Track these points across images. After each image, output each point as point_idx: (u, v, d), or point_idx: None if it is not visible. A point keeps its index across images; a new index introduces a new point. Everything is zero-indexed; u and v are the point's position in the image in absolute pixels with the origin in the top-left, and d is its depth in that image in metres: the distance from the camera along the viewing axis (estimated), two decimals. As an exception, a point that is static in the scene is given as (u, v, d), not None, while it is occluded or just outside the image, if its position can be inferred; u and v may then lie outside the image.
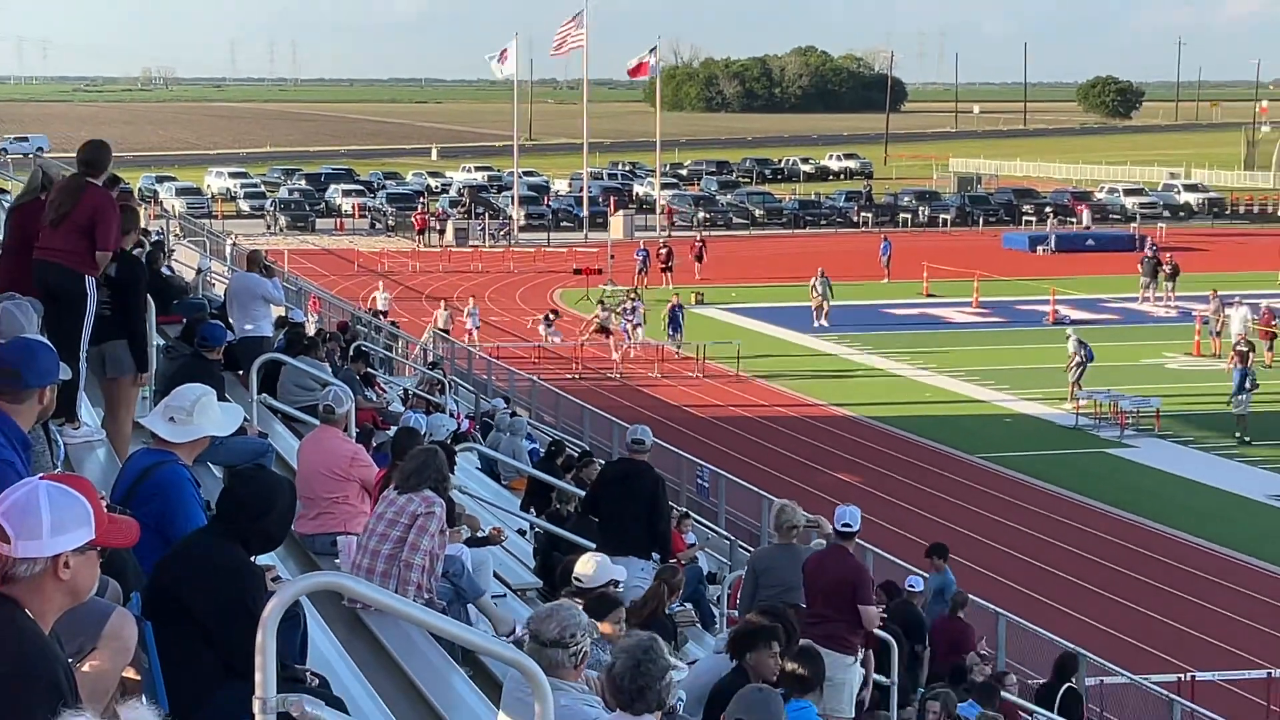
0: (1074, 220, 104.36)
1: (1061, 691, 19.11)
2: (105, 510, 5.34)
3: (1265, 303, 58.83)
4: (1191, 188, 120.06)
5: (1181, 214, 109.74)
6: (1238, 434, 44.12)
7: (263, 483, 8.20)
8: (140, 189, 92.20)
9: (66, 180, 13.00)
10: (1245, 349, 47.22)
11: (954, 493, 39.38)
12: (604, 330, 52.98)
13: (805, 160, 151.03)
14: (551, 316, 51.73)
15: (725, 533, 29.09)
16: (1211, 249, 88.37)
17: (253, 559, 7.98)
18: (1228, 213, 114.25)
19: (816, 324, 63.30)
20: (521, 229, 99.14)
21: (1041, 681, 23.76)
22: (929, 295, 71.05)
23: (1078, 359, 47.71)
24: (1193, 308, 63.16)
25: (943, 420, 47.57)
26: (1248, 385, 44.25)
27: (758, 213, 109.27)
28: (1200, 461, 42.24)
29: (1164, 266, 72.89)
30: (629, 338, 54.15)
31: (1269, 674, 25.55)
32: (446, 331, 52.31)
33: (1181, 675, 25.12)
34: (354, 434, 14.46)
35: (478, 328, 54.82)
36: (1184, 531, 35.92)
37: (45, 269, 12.36)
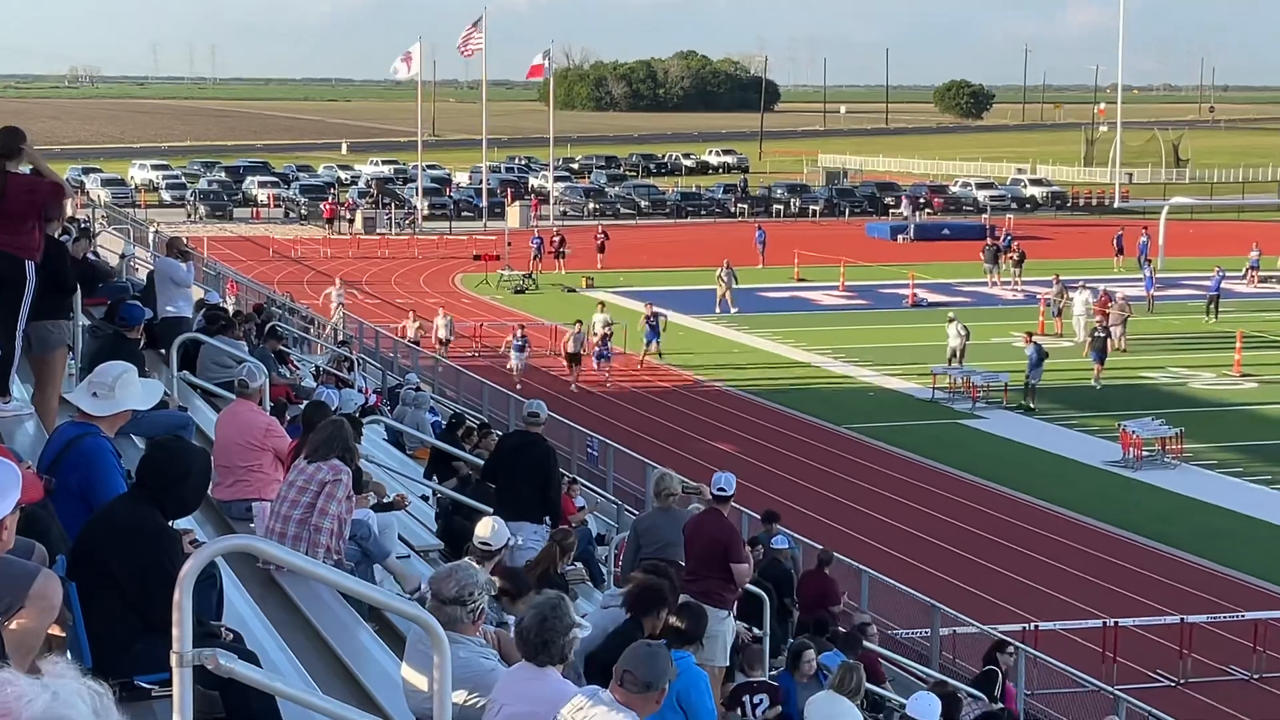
0: (931, 211, 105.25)
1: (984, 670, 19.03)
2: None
3: (1103, 286, 59.55)
4: (1037, 182, 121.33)
5: (1028, 206, 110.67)
6: (1026, 403, 45.30)
7: (179, 452, 8.12)
8: (68, 179, 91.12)
9: None
10: (1103, 335, 48.19)
11: (822, 460, 39.61)
12: (574, 358, 48.67)
13: (687, 155, 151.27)
14: (523, 342, 48.16)
15: (612, 498, 29.12)
16: (1055, 238, 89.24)
17: (170, 523, 7.91)
18: (1069, 205, 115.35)
19: (718, 309, 63.01)
20: (425, 218, 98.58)
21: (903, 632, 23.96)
22: (800, 280, 71.38)
23: (953, 340, 48.21)
24: (1037, 291, 63.80)
25: (812, 393, 47.85)
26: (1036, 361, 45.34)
27: (643, 204, 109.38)
28: (1043, 431, 42.69)
29: (1012, 253, 73.80)
30: (597, 366, 50.41)
31: (1104, 623, 25.82)
32: (417, 343, 49.38)
33: (1026, 625, 25.37)
34: (268, 407, 14.36)
35: (451, 339, 51.94)
36: (1029, 494, 36.28)
37: None
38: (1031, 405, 44.89)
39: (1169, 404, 44.40)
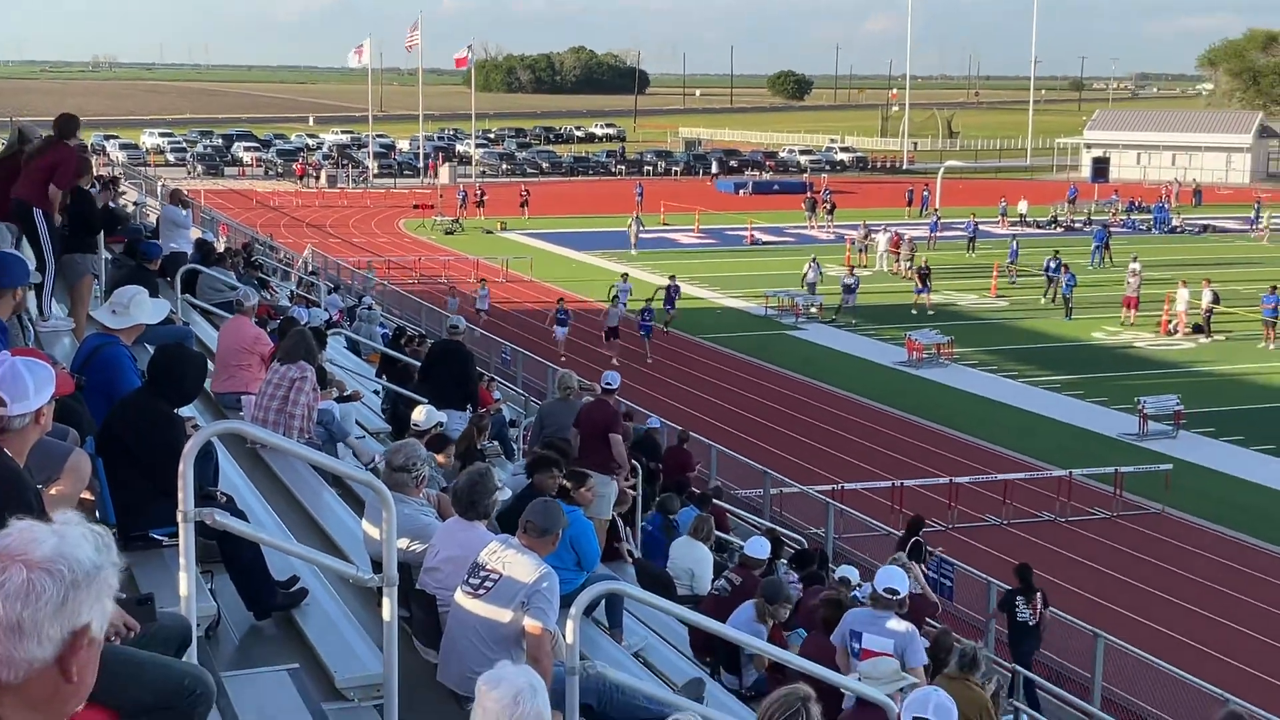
0: (769, 171, 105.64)
1: (910, 543, 18.99)
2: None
3: (895, 229, 60.26)
4: (845, 149, 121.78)
5: (838, 167, 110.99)
6: (837, 319, 45.91)
7: (179, 356, 8.10)
8: (92, 144, 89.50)
9: (43, 140, 13.05)
10: (926, 269, 48.69)
11: (682, 362, 39.89)
12: (612, 332, 40.06)
13: (578, 128, 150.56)
14: (565, 315, 40.39)
15: (521, 391, 29.18)
16: (858, 192, 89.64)
17: (175, 410, 7.86)
18: (869, 167, 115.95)
19: (634, 250, 62.16)
20: (375, 175, 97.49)
21: (749, 493, 24.20)
22: (665, 224, 71.33)
23: (810, 275, 48.53)
24: (845, 232, 64.31)
25: (685, 311, 48.02)
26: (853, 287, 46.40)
27: (544, 165, 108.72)
28: (848, 339, 43.17)
29: (823, 204, 74.45)
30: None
31: (893, 484, 26.21)
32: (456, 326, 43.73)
33: (835, 485, 25.67)
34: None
35: (487, 310, 43.81)
36: (837, 387, 36.71)
37: (14, 204, 12.44)
38: (849, 320, 45.39)
39: (942, 319, 44.99)
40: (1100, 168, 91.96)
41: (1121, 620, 20.36)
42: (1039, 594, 17.59)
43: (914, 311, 46.93)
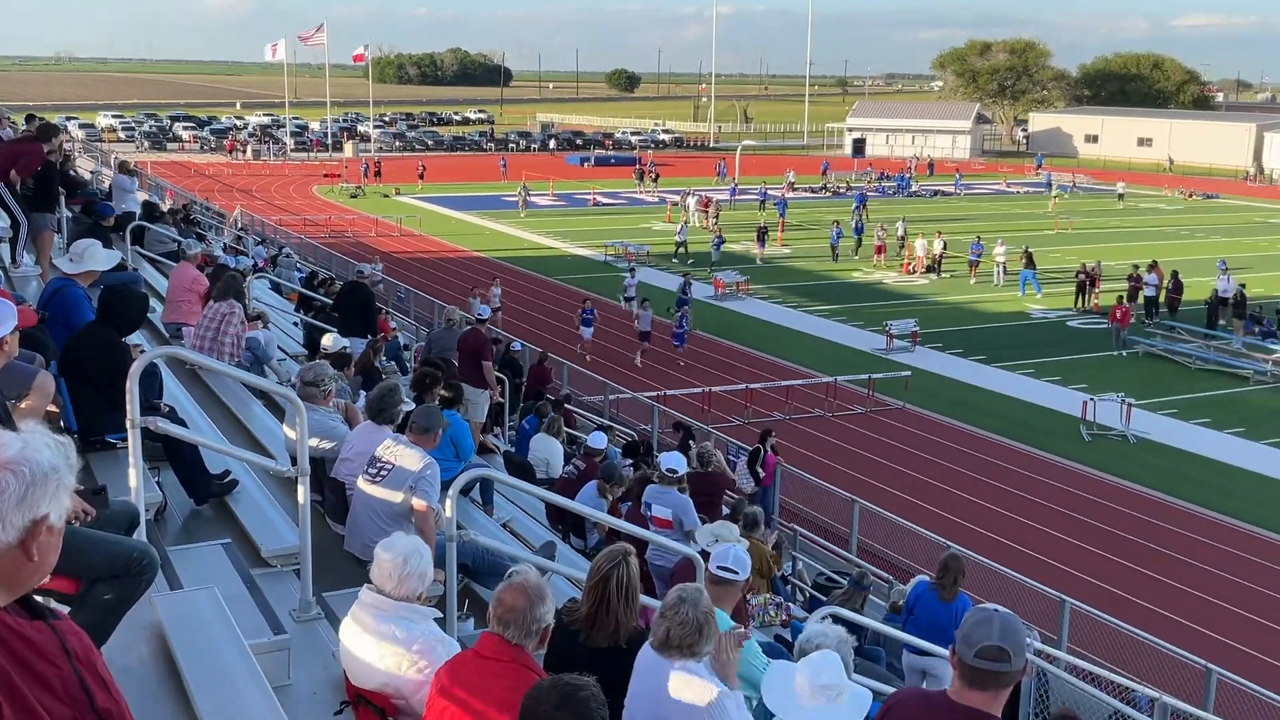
0: (607, 148, 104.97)
1: (755, 451, 18.78)
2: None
3: (704, 193, 60.48)
4: (667, 131, 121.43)
5: (661, 145, 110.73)
6: (675, 259, 45.71)
7: (122, 294, 7.88)
8: (56, 123, 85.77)
9: (22, 133, 14.11)
10: (763, 228, 49.14)
11: (538, 295, 39.59)
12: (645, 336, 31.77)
13: (456, 114, 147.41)
14: (591, 315, 31.94)
15: (414, 321, 28.82)
16: (676, 165, 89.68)
17: (122, 339, 7.62)
18: (684, 145, 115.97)
19: (522, 213, 60.82)
20: (292, 150, 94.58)
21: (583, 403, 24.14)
22: (526, 189, 70.59)
23: (684, 224, 48.58)
24: (666, 196, 64.36)
25: (533, 258, 47.69)
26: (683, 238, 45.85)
27: (430, 143, 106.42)
28: (669, 278, 43.21)
29: (649, 173, 74.50)
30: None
31: (704, 389, 26.40)
32: (480, 320, 33.83)
33: (659, 391, 25.80)
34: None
35: (499, 308, 33.51)
36: (659, 316, 36.81)
37: None
38: (709, 270, 44.96)
39: (740, 263, 45.33)
40: (859, 146, 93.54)
41: (873, 490, 20.87)
42: (769, 448, 18.23)
43: (760, 262, 46.38)
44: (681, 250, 46.28)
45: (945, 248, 45.20)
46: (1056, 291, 40.32)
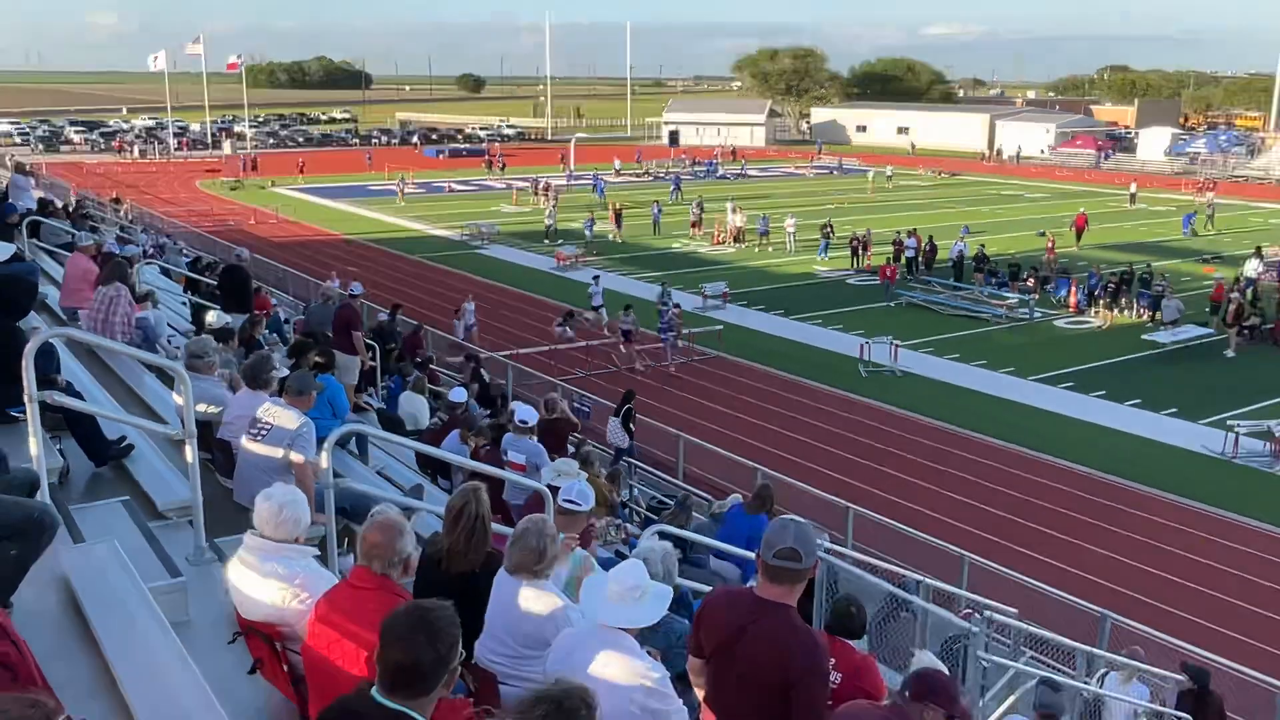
0: (459, 141, 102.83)
1: (626, 410, 18.12)
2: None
3: (547, 179, 59.94)
4: (511, 127, 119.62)
5: (506, 139, 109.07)
6: (547, 240, 44.94)
7: (10, 282, 7.44)
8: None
9: None
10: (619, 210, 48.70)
11: (406, 274, 38.68)
12: (626, 335, 26.73)
13: (323, 114, 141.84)
14: (566, 319, 28.55)
15: (292, 298, 27.85)
16: (520, 156, 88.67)
17: (15, 322, 7.16)
18: (526, 138, 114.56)
19: (401, 200, 58.71)
20: (176, 149, 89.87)
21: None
22: (389, 179, 68.68)
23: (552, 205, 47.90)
24: (512, 182, 63.71)
25: (400, 240, 46.60)
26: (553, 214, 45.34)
27: (300, 139, 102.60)
28: (514, 253, 42.90)
29: (497, 163, 73.55)
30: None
31: (550, 347, 26.26)
32: (468, 339, 27.37)
33: (511, 350, 25.56)
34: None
35: (475, 325, 28.12)
36: (504, 283, 36.52)
37: None
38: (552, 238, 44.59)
39: (581, 239, 45.18)
40: (674, 137, 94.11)
41: (695, 426, 21.20)
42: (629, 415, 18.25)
43: (619, 240, 45.35)
44: (552, 230, 45.78)
45: (746, 221, 46.09)
46: (838, 255, 41.46)
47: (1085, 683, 10.32)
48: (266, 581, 4.41)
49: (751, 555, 8.65)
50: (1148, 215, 55.98)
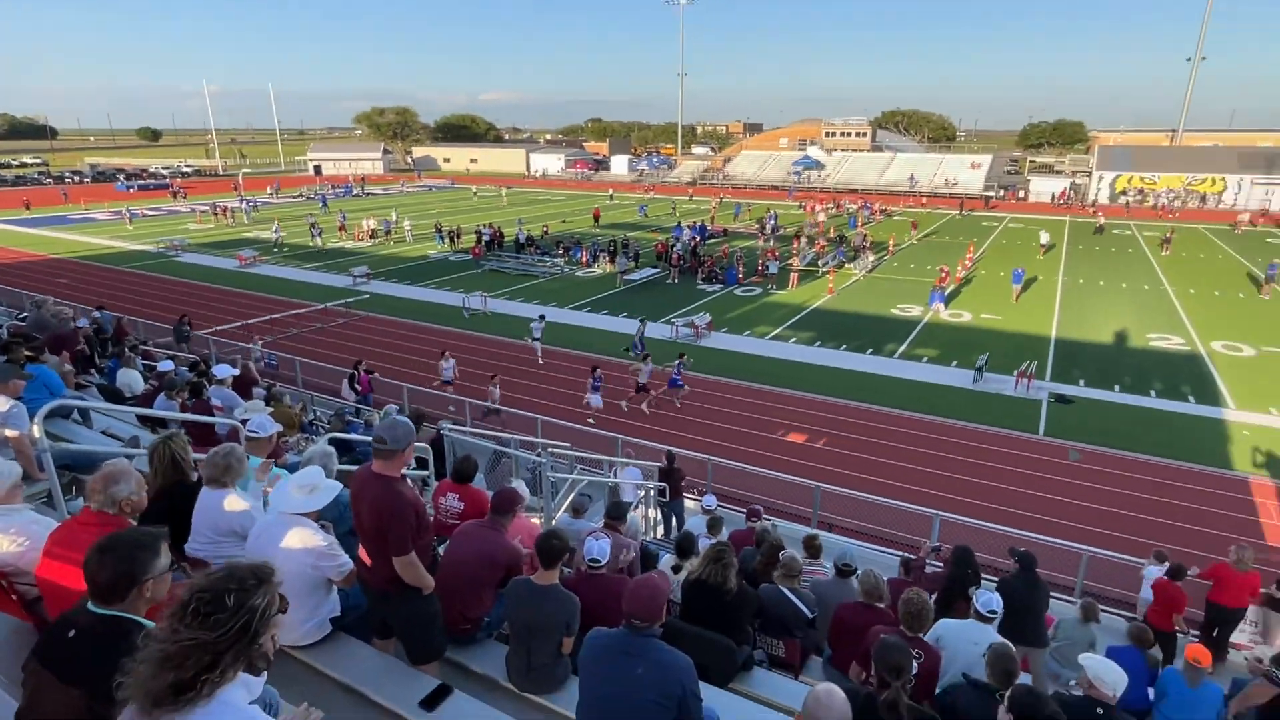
0: (141, 180, 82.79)
1: (351, 374, 15.14)
2: None
3: (223, 204, 50.42)
4: (189, 166, 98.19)
5: (185, 175, 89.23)
6: (275, 249, 37.74)
7: None
8: None
9: None
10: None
11: (108, 279, 30.88)
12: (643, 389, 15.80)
13: (14, 158, 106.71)
14: (596, 383, 15.86)
15: (6, 308, 21.16)
16: (198, 187, 73.71)
17: None
18: (203, 174, 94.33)
19: (130, 225, 45.43)
20: None
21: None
22: (129, 210, 53.90)
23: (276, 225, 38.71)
24: (195, 207, 52.84)
25: (103, 255, 37.01)
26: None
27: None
28: (212, 259, 36.19)
29: (180, 193, 60.87)
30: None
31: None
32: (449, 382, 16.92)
33: (242, 322, 21.70)
34: None
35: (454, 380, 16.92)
36: (202, 281, 30.80)
37: None
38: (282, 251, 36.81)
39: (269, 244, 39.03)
40: (318, 169, 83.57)
41: (343, 362, 19.46)
42: (363, 371, 15.83)
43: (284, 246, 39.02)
44: (282, 245, 38.30)
45: (376, 224, 42.88)
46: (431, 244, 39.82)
47: (605, 476, 10.81)
48: (-14, 536, 3.49)
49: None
50: (620, 208, 60.37)
